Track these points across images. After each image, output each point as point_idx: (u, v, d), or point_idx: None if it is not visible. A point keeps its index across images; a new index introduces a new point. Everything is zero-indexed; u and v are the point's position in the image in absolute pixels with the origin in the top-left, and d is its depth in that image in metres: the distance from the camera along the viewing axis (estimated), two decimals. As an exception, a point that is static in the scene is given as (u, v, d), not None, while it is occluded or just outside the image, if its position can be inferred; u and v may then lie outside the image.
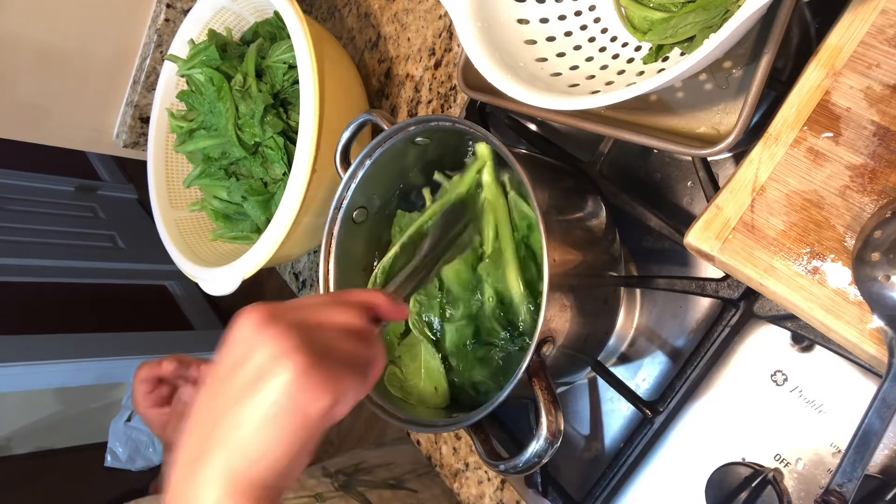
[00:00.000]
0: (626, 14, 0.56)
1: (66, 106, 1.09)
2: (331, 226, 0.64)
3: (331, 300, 0.40)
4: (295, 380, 0.33)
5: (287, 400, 0.33)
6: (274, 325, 0.35)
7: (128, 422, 2.01)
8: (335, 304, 0.39)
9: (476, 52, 0.52)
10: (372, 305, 0.42)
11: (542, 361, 0.48)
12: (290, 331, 0.35)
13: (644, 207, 0.57)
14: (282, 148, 0.80)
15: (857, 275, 0.40)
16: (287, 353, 0.34)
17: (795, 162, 0.44)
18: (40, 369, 1.93)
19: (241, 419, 0.33)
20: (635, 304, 0.62)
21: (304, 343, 0.34)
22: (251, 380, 0.34)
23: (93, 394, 2.09)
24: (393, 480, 0.81)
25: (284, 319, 0.35)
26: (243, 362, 0.34)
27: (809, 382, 0.52)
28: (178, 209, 0.91)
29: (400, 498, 0.77)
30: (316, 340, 0.35)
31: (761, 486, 0.50)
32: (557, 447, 0.46)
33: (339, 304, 0.39)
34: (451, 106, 0.80)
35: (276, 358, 0.34)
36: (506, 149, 0.51)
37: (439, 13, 0.82)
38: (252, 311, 0.36)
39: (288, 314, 0.36)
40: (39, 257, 2.32)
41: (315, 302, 0.39)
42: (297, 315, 0.37)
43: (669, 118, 0.52)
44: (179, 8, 1.07)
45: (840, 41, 0.43)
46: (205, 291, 0.81)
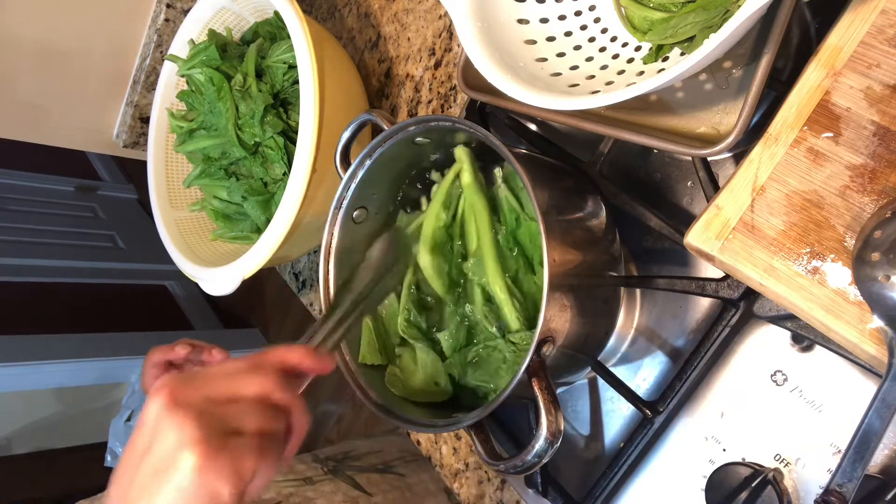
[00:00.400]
0: (626, 14, 0.56)
1: (66, 106, 1.09)
2: (331, 226, 0.64)
3: (245, 367, 0.39)
4: (198, 471, 0.33)
5: (192, 490, 0.33)
6: (178, 410, 0.35)
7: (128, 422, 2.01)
8: (247, 373, 0.38)
9: (476, 52, 0.52)
10: (290, 366, 0.41)
11: (542, 361, 0.48)
12: (193, 417, 0.34)
13: (644, 207, 0.57)
14: (282, 148, 0.80)
15: (857, 275, 0.40)
16: (189, 443, 0.33)
17: (795, 162, 0.44)
18: (40, 369, 1.93)
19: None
20: (635, 304, 0.62)
21: (206, 431, 0.34)
22: (158, 469, 0.34)
23: (93, 394, 2.09)
24: (381, 465, 0.81)
25: (189, 402, 0.35)
26: (150, 448, 0.35)
27: (809, 382, 0.52)
28: (178, 209, 0.91)
29: (388, 481, 0.77)
30: (221, 422, 0.35)
31: (761, 486, 0.50)
32: (557, 447, 0.46)
33: (251, 371, 0.39)
34: (451, 106, 0.80)
35: (179, 448, 0.34)
36: (506, 149, 0.51)
37: (439, 13, 0.82)
38: (160, 390, 0.36)
39: (195, 393, 0.36)
40: (39, 257, 2.32)
41: (226, 372, 0.38)
42: (204, 393, 0.36)
43: (669, 118, 0.52)
44: (179, 8, 1.07)
45: (840, 41, 0.43)
46: (205, 291, 0.81)
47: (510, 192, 0.60)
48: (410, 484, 0.79)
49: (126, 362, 2.11)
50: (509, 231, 0.59)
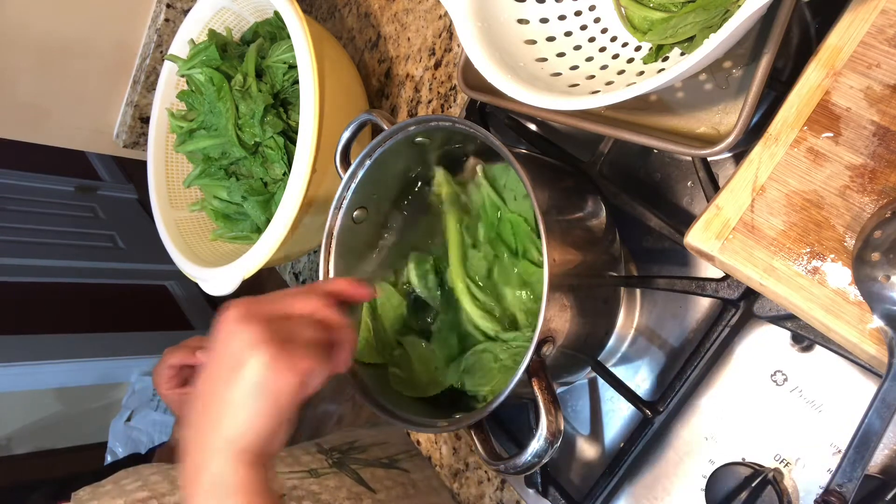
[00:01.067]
0: (626, 14, 0.56)
1: (66, 106, 1.09)
2: (331, 226, 0.64)
3: (299, 292, 0.47)
4: (265, 365, 0.40)
5: (261, 381, 0.40)
6: (247, 320, 0.42)
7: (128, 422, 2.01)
8: (301, 296, 0.46)
9: (476, 52, 0.52)
10: (335, 292, 0.49)
11: (541, 361, 0.48)
12: (260, 324, 0.42)
13: (644, 207, 0.57)
14: (282, 148, 0.80)
15: (857, 275, 0.40)
16: (257, 344, 0.41)
17: (795, 162, 0.44)
18: (40, 369, 1.93)
19: (228, 399, 0.41)
20: (635, 304, 0.62)
21: (270, 335, 0.41)
22: (232, 367, 0.41)
23: (93, 394, 2.09)
24: (386, 459, 0.82)
25: (256, 314, 0.42)
26: (225, 352, 0.42)
27: (809, 382, 0.52)
28: (178, 209, 0.91)
29: (392, 477, 0.77)
30: (281, 330, 0.42)
31: (761, 486, 0.50)
32: (557, 447, 0.46)
33: (304, 295, 0.46)
34: (451, 106, 0.80)
35: (248, 348, 0.41)
36: (506, 149, 0.51)
37: (439, 13, 0.82)
38: (231, 307, 0.43)
39: (260, 308, 0.43)
40: (39, 257, 2.32)
41: (284, 295, 0.46)
42: (268, 309, 0.44)
43: (669, 118, 0.52)
44: (179, 8, 1.07)
45: (840, 41, 0.43)
46: (205, 291, 0.81)
47: (492, 188, 0.61)
48: (414, 480, 0.79)
49: (126, 362, 2.11)
50: (489, 226, 0.60)
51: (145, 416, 2.01)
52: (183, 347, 0.72)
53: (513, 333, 0.57)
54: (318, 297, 0.46)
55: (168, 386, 0.73)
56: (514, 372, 0.49)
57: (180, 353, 0.72)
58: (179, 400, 0.74)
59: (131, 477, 0.63)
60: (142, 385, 2.08)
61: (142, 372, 2.12)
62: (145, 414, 2.01)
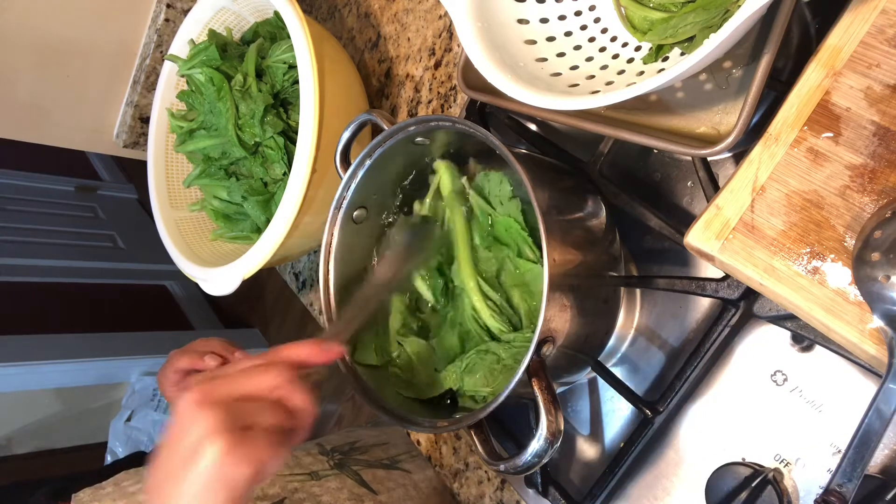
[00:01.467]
0: (626, 14, 0.56)
1: (66, 106, 1.09)
2: (331, 226, 0.64)
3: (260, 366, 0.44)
4: (220, 457, 0.39)
5: (216, 474, 0.39)
6: (204, 406, 0.40)
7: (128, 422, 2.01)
8: (262, 373, 0.44)
9: (476, 52, 0.52)
10: (299, 361, 0.47)
11: (541, 361, 0.48)
12: (218, 411, 0.40)
13: (644, 207, 0.57)
14: (282, 148, 0.80)
15: (857, 275, 0.40)
16: (213, 434, 0.39)
17: (795, 162, 0.44)
18: (40, 369, 1.93)
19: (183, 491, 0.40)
20: (635, 304, 0.62)
21: (228, 423, 0.40)
22: (187, 457, 0.40)
23: (93, 394, 2.09)
24: (387, 460, 0.82)
25: (214, 399, 0.41)
26: (181, 440, 0.40)
27: (809, 382, 0.52)
28: (178, 209, 0.91)
29: (393, 478, 0.77)
30: (240, 416, 0.41)
31: (761, 486, 0.50)
32: (557, 447, 0.46)
33: (265, 371, 0.44)
34: (451, 106, 0.80)
35: (205, 437, 0.39)
36: (506, 149, 0.51)
37: (439, 13, 0.82)
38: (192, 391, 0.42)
39: (219, 391, 0.42)
40: (39, 257, 2.32)
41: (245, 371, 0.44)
42: (226, 391, 0.42)
43: (669, 118, 0.52)
44: (179, 8, 1.07)
45: (840, 41, 0.43)
46: (205, 291, 0.81)
47: (479, 196, 0.61)
48: (416, 481, 0.79)
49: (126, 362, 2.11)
50: (485, 233, 0.60)
51: (145, 416, 2.01)
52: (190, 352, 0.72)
53: (514, 334, 0.57)
54: (281, 372, 0.44)
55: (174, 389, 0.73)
56: (514, 372, 0.49)
57: (188, 358, 0.71)
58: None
59: (132, 479, 0.63)
60: (142, 385, 2.08)
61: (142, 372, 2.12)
62: (145, 414, 2.01)
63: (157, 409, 2.03)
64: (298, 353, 0.47)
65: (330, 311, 0.64)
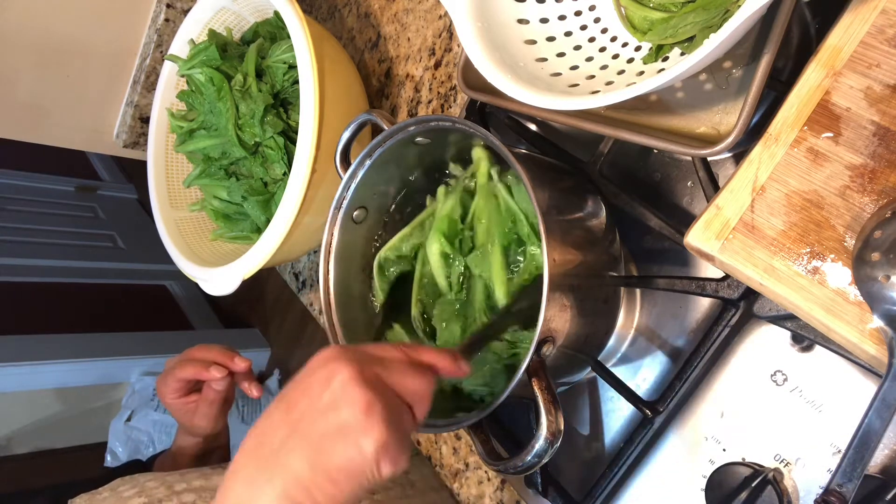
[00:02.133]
0: (626, 14, 0.56)
1: (66, 106, 1.09)
2: (331, 226, 0.64)
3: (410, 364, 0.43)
4: (376, 448, 0.37)
5: (363, 462, 0.37)
6: (365, 389, 0.38)
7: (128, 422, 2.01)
8: (415, 373, 0.42)
9: (476, 52, 0.52)
10: (438, 369, 0.45)
11: (542, 361, 0.48)
12: (379, 401, 0.38)
13: (644, 207, 0.57)
14: (282, 148, 0.80)
15: (857, 275, 0.40)
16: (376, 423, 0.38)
17: (795, 162, 0.44)
18: (40, 369, 1.93)
19: (316, 460, 0.37)
20: (635, 304, 0.62)
21: (385, 414, 0.38)
22: (339, 431, 0.38)
23: (93, 394, 2.09)
24: None
25: (374, 382, 0.39)
26: (331, 411, 0.38)
27: (809, 382, 0.52)
28: (178, 209, 0.91)
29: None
30: (391, 409, 0.39)
31: (761, 486, 0.50)
32: (557, 447, 0.46)
33: (418, 372, 0.43)
34: (451, 106, 0.80)
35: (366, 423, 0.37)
36: (506, 149, 0.51)
37: (439, 13, 0.82)
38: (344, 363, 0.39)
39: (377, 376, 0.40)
40: (39, 257, 2.32)
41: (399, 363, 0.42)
42: (384, 379, 0.40)
43: (669, 118, 0.52)
44: (179, 8, 1.07)
45: (840, 41, 0.43)
46: (205, 291, 0.81)
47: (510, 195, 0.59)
48: (413, 480, 0.79)
49: (126, 362, 2.11)
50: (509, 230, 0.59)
51: (145, 416, 2.01)
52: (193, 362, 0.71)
53: (519, 333, 0.56)
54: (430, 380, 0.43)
55: (174, 396, 0.73)
56: (514, 372, 0.49)
57: (192, 368, 0.71)
58: (184, 408, 0.74)
59: (128, 484, 0.63)
60: (142, 385, 2.08)
61: (142, 372, 2.12)
62: (145, 414, 2.01)
63: (157, 409, 2.03)
64: (441, 361, 0.45)
65: (330, 311, 0.64)
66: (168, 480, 0.64)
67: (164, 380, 0.73)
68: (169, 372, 0.72)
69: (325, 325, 0.64)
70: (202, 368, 0.71)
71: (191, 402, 0.74)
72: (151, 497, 0.61)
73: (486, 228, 0.59)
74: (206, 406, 0.73)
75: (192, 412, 0.74)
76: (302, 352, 2.31)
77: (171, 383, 0.72)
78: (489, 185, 0.60)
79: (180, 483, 0.64)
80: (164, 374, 0.73)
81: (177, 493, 0.62)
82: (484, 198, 0.60)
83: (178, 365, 0.72)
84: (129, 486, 0.63)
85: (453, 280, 0.62)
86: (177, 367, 0.72)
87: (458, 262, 0.61)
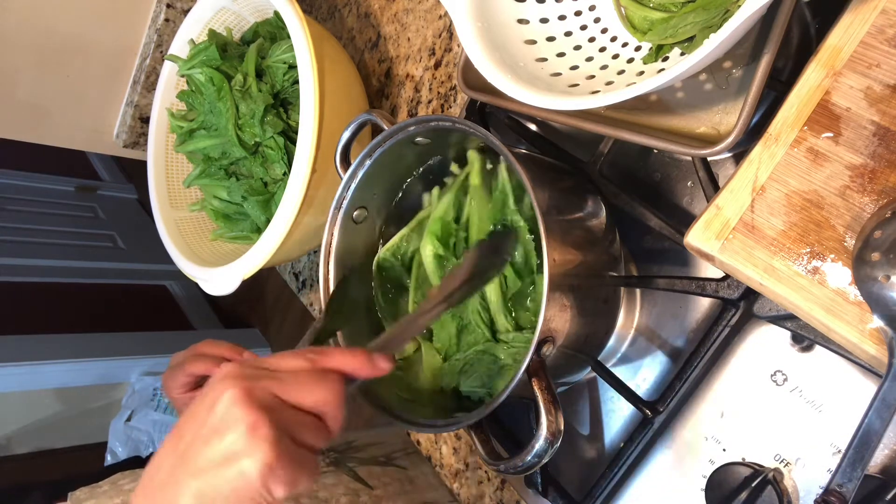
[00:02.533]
0: (626, 14, 0.56)
1: (66, 106, 1.09)
2: (331, 226, 0.64)
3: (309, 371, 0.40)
4: (261, 469, 0.35)
5: (247, 485, 0.35)
6: (252, 406, 0.36)
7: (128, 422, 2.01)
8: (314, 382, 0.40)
9: (476, 52, 0.52)
10: (348, 372, 0.42)
11: (542, 361, 0.48)
12: (266, 418, 0.36)
13: (644, 207, 0.57)
14: (282, 148, 0.80)
15: (857, 275, 0.40)
16: (258, 442, 0.35)
17: (795, 162, 0.44)
18: (40, 369, 1.93)
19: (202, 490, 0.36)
20: (635, 304, 0.62)
21: (271, 434, 0.36)
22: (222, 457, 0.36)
23: (93, 394, 2.09)
24: (383, 457, 0.82)
25: (262, 400, 0.37)
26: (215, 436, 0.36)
27: (809, 382, 0.52)
28: (178, 209, 0.91)
29: (389, 474, 0.77)
30: (288, 427, 0.37)
31: (761, 486, 0.50)
32: (557, 447, 0.46)
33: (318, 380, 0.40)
34: (451, 106, 0.80)
35: (248, 444, 0.35)
36: (506, 149, 0.51)
37: (439, 13, 0.82)
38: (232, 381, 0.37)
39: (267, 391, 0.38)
40: (39, 257, 2.32)
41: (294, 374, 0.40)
42: (275, 393, 0.38)
43: (669, 118, 0.52)
44: (179, 8, 1.07)
45: (840, 41, 0.43)
46: (205, 291, 0.81)
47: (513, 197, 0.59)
48: (412, 476, 0.79)
49: (126, 362, 2.11)
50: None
51: (145, 415, 2.01)
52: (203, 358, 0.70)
53: (514, 333, 0.57)
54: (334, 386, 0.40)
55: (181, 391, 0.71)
56: (513, 372, 0.48)
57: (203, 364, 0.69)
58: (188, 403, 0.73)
59: (128, 478, 0.63)
60: (142, 385, 2.08)
61: (142, 372, 2.12)
62: (145, 414, 2.01)
63: (157, 409, 2.03)
64: (349, 364, 0.42)
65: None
66: None
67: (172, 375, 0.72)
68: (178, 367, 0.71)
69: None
70: (213, 364, 0.70)
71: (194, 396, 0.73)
72: None
73: (478, 229, 0.60)
74: None
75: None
76: (302, 352, 2.30)
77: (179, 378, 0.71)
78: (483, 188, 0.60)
79: None
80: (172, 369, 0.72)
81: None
82: (477, 200, 0.60)
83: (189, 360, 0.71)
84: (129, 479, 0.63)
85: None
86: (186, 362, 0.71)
87: (451, 264, 0.61)
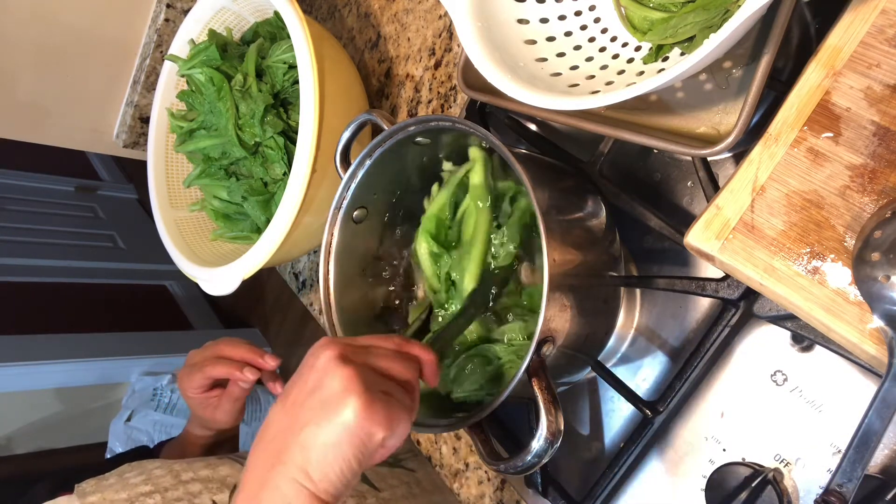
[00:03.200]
0: (626, 14, 0.56)
1: (66, 106, 1.09)
2: (331, 226, 0.64)
3: (394, 348, 0.47)
4: (359, 413, 0.40)
5: (351, 428, 0.40)
6: (346, 365, 0.42)
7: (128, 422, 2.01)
8: (399, 360, 0.46)
9: (476, 52, 0.52)
10: (423, 363, 0.48)
11: (542, 361, 0.48)
12: (358, 372, 0.42)
13: (644, 207, 0.57)
14: (282, 148, 0.80)
15: (857, 275, 0.40)
16: (354, 391, 0.41)
17: (795, 162, 0.44)
18: (40, 369, 1.93)
19: (313, 440, 0.41)
20: (635, 304, 0.62)
21: (367, 385, 0.41)
22: (326, 403, 0.41)
23: (93, 394, 2.09)
24: (391, 459, 0.81)
25: (355, 360, 0.43)
26: (320, 386, 0.42)
27: (809, 382, 0.52)
28: (178, 209, 0.91)
29: (397, 475, 0.77)
30: (377, 383, 0.43)
31: (761, 486, 0.50)
32: (557, 447, 0.46)
33: (402, 359, 0.46)
34: (451, 106, 0.80)
35: (345, 392, 0.41)
36: (506, 149, 0.51)
37: (439, 13, 0.82)
38: (330, 346, 0.43)
39: (358, 356, 0.44)
40: (39, 257, 2.32)
41: (383, 351, 0.46)
42: (366, 359, 0.44)
43: (669, 118, 0.52)
44: (179, 8, 1.07)
45: (840, 41, 0.43)
46: (205, 291, 0.81)
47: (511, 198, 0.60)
48: (419, 479, 0.79)
49: (126, 362, 2.11)
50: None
51: (145, 416, 2.01)
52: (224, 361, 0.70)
53: (512, 333, 0.57)
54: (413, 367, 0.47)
55: (197, 391, 0.72)
56: (513, 372, 0.48)
57: (224, 368, 0.69)
58: (205, 403, 0.73)
59: (135, 471, 0.63)
60: (142, 385, 2.08)
61: (142, 372, 2.12)
62: (145, 414, 2.01)
63: (157, 409, 2.03)
64: (426, 356, 0.49)
65: (330, 311, 0.64)
66: (175, 469, 0.63)
67: (190, 375, 0.71)
68: (196, 368, 0.70)
69: (325, 325, 0.64)
70: (235, 368, 0.69)
71: (213, 397, 0.72)
72: (157, 485, 0.60)
73: (472, 229, 0.60)
74: (230, 403, 0.72)
75: (213, 407, 0.73)
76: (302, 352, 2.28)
77: (197, 380, 0.70)
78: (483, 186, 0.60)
79: (187, 472, 0.63)
80: (189, 369, 0.71)
81: (183, 482, 0.62)
82: (474, 200, 0.61)
83: (209, 363, 0.70)
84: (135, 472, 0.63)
85: (442, 277, 0.62)
86: (206, 364, 0.70)
87: (444, 260, 0.62)
